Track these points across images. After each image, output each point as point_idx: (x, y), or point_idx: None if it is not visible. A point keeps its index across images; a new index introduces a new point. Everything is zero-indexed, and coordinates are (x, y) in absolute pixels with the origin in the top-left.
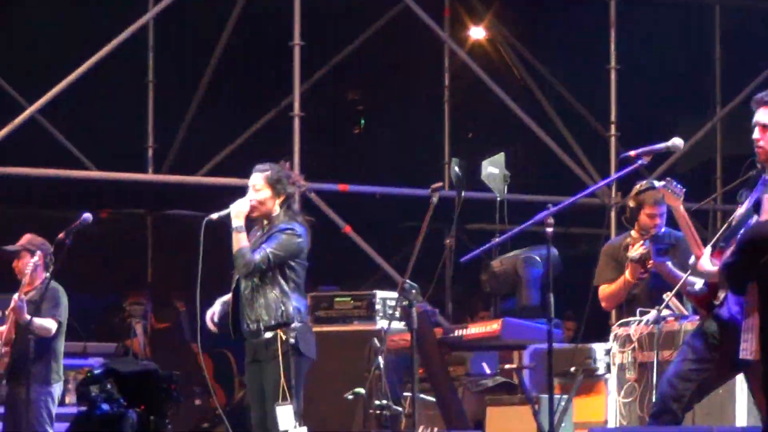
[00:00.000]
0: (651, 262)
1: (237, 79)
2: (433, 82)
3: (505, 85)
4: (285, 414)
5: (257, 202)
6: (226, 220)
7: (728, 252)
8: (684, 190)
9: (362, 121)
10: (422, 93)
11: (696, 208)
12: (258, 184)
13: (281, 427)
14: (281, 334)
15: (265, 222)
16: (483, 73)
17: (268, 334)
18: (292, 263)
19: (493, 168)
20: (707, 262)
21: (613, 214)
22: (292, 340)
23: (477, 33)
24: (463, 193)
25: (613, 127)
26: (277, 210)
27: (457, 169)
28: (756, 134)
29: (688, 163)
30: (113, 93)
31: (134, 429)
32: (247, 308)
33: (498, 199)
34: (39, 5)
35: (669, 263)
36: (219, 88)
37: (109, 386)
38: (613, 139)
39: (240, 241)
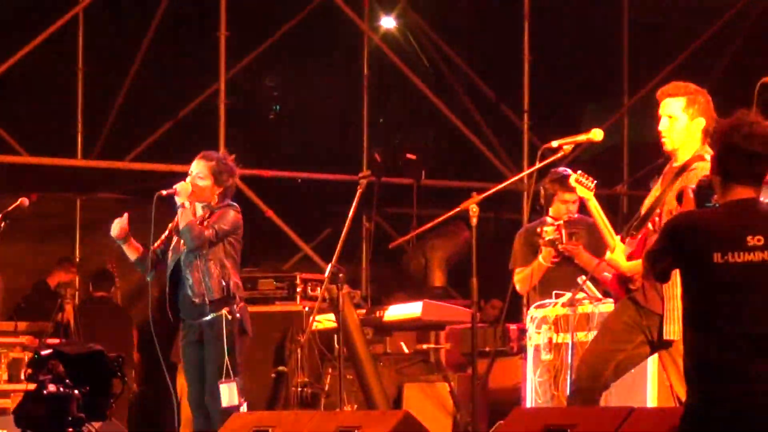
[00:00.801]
0: (563, 246)
1: (164, 67)
2: (350, 69)
3: (421, 73)
4: (230, 391)
5: (198, 188)
6: (171, 199)
7: (652, 240)
8: (596, 182)
9: (277, 107)
10: (339, 80)
11: (607, 193)
12: (202, 173)
13: (226, 403)
14: (226, 313)
15: (201, 205)
16: (399, 61)
17: (212, 314)
18: (232, 240)
19: (410, 155)
20: (621, 257)
21: (525, 200)
22: (231, 317)
23: (388, 22)
24: (382, 179)
25: (525, 115)
26: (215, 199)
27: (376, 155)
28: (662, 125)
29: (595, 148)
30: (44, 81)
31: (80, 408)
32: (191, 283)
33: (415, 184)
34: None
35: (581, 247)
36: (147, 77)
37: (55, 368)
38: (525, 128)
39: (186, 216)
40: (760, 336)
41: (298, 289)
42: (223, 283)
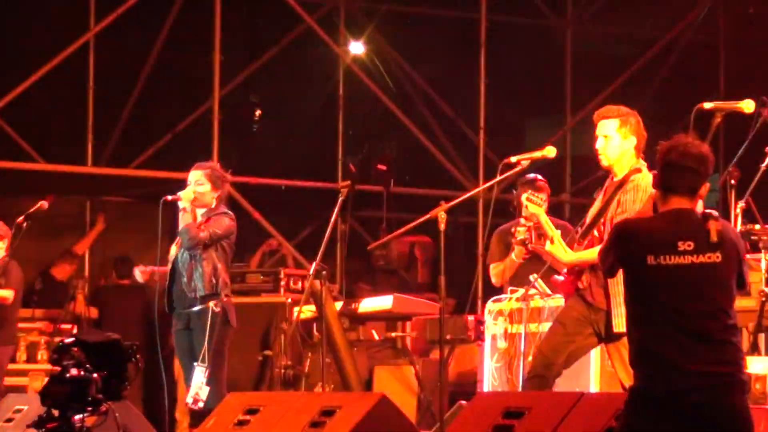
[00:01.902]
0: (533, 245)
1: (164, 86)
2: (324, 87)
3: (389, 92)
4: (198, 373)
5: (199, 194)
6: (175, 204)
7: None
8: (545, 201)
9: (257, 112)
10: (316, 97)
11: (551, 202)
12: (200, 180)
13: (193, 383)
14: (213, 306)
15: (201, 211)
16: (371, 83)
17: (200, 306)
18: (224, 244)
19: (381, 166)
20: (560, 251)
21: (481, 206)
22: (217, 309)
23: (356, 47)
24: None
25: (481, 132)
26: (214, 203)
27: (351, 166)
28: (599, 144)
29: (542, 161)
30: (59, 97)
31: (98, 390)
32: (185, 278)
33: (385, 191)
34: None
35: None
36: (149, 94)
37: (77, 354)
38: (481, 143)
39: (186, 219)
40: (689, 330)
41: (282, 283)
42: (213, 281)
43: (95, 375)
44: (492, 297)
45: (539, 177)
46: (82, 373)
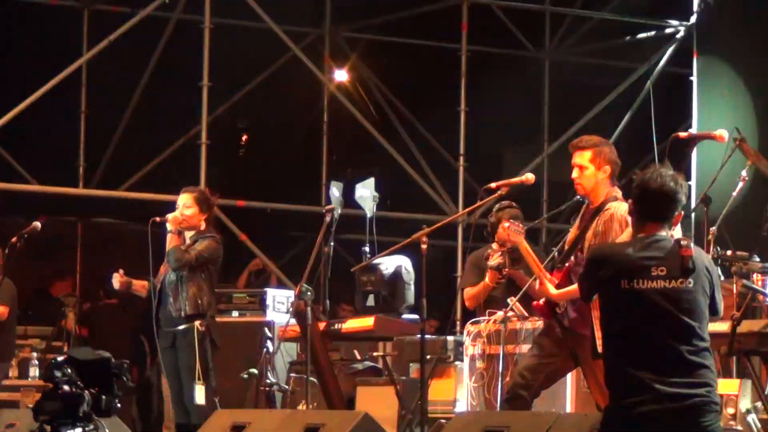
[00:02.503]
0: (507, 270)
1: (154, 111)
2: (309, 113)
3: (372, 119)
4: (201, 392)
5: (187, 216)
6: (163, 226)
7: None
8: (525, 228)
9: (244, 137)
10: (300, 123)
11: (528, 226)
12: (188, 203)
13: (198, 401)
14: (198, 325)
15: (190, 234)
16: (355, 110)
17: (184, 325)
18: (210, 266)
19: (364, 190)
20: (550, 287)
21: (460, 230)
22: (202, 329)
23: (341, 75)
24: (339, 210)
25: (461, 158)
26: (203, 225)
27: (335, 189)
28: (575, 174)
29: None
30: (52, 121)
31: (89, 406)
32: (171, 299)
33: (368, 215)
34: None
35: (521, 271)
36: (139, 119)
37: (69, 371)
38: (461, 169)
39: (173, 241)
40: (663, 352)
41: (267, 303)
42: (198, 302)
43: (86, 392)
44: (471, 319)
45: (513, 204)
46: (74, 389)
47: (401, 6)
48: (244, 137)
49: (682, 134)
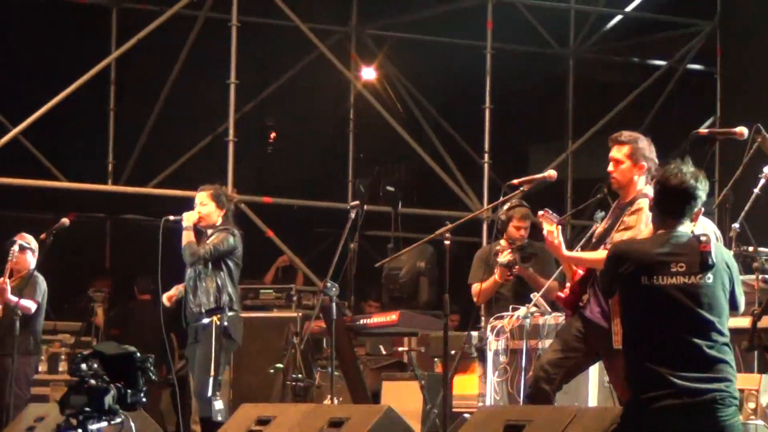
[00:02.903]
0: (517, 267)
1: (182, 108)
2: (336, 111)
3: (398, 116)
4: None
5: (205, 214)
6: (178, 224)
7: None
8: (559, 218)
9: (272, 134)
10: (328, 121)
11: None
12: (204, 200)
13: (209, 395)
14: (216, 319)
15: (210, 231)
16: (381, 107)
17: (206, 319)
18: (228, 260)
19: (389, 187)
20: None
21: (485, 227)
22: (225, 323)
23: (368, 73)
24: (365, 207)
25: (486, 155)
26: (219, 221)
27: (361, 187)
28: (610, 167)
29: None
30: (81, 119)
31: (114, 400)
32: (191, 295)
33: (393, 212)
34: (24, 44)
35: (530, 269)
36: (167, 116)
37: (95, 365)
38: (486, 166)
39: (188, 237)
40: (682, 347)
41: (294, 299)
42: (218, 296)
43: (112, 385)
44: (494, 314)
45: (524, 202)
46: (99, 383)
47: (427, 4)
48: (272, 134)
49: (703, 131)
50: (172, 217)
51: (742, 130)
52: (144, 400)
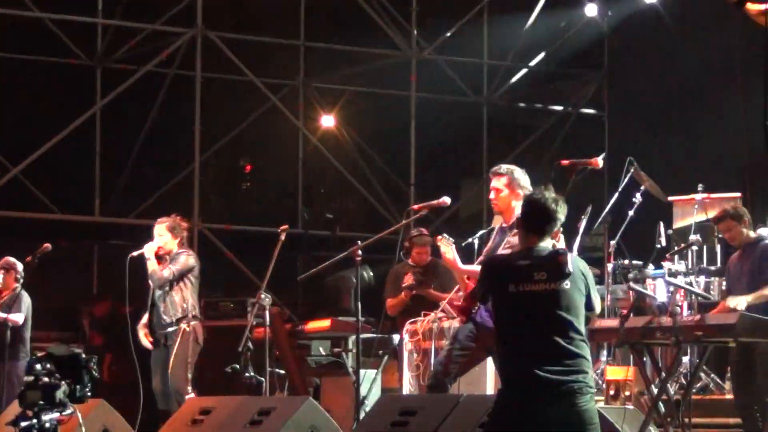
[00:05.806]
0: (416, 290)
1: (158, 150)
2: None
3: (342, 155)
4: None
5: (162, 244)
6: (141, 258)
7: None
8: (453, 240)
9: (248, 167)
10: (287, 160)
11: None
12: (161, 232)
13: (179, 389)
14: (184, 326)
15: (170, 256)
16: (326, 151)
17: (175, 327)
18: (190, 275)
19: (328, 214)
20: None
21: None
22: (188, 329)
23: (327, 121)
24: (309, 231)
25: (412, 187)
26: (176, 248)
27: (305, 215)
28: (492, 195)
29: (468, 209)
30: (71, 159)
31: (65, 394)
32: (162, 308)
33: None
34: (23, 97)
35: (428, 290)
36: (146, 157)
37: (48, 365)
38: (412, 195)
39: (152, 265)
40: (544, 344)
41: (249, 309)
42: (184, 305)
43: (62, 382)
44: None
45: (423, 230)
46: (52, 380)
47: (362, 61)
48: (248, 167)
49: (565, 161)
50: (135, 253)
51: (598, 161)
52: (89, 394)
